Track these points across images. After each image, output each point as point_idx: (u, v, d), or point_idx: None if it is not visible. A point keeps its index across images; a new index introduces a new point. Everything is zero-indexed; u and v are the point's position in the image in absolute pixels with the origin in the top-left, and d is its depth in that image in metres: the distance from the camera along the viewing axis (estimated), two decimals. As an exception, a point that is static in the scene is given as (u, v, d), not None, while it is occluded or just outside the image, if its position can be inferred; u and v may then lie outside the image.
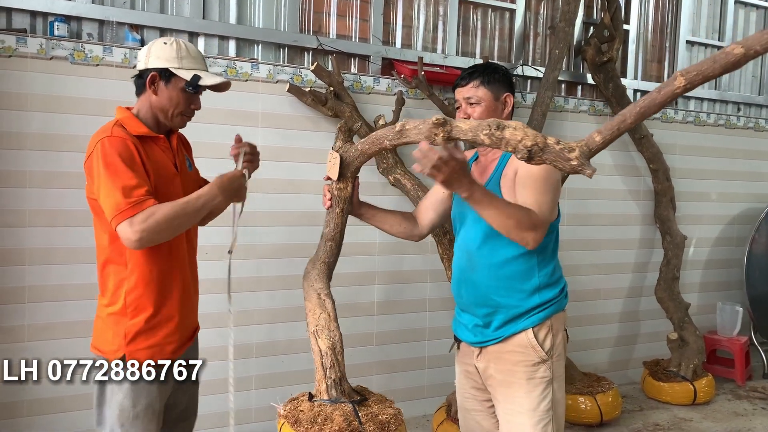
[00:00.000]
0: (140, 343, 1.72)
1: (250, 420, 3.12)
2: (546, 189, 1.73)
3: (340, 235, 1.99)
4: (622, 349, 4.31)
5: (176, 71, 1.77)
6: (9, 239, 2.64)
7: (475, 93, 1.87)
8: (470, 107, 1.88)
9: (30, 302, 2.67)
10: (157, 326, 1.75)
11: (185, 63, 1.78)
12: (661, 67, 4.56)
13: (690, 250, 4.49)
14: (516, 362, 1.80)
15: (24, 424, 2.69)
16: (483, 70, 1.90)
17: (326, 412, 1.79)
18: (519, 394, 1.79)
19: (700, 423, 3.63)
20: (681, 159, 4.41)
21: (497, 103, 1.89)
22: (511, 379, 1.80)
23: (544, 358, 1.79)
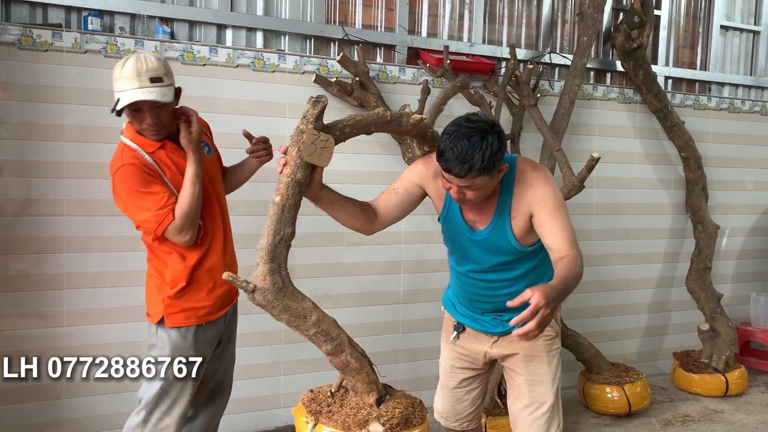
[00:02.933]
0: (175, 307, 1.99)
1: (279, 405, 3.19)
2: (565, 220, 1.81)
3: None
4: (651, 339, 4.26)
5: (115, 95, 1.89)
6: (48, 228, 2.74)
7: (473, 183, 1.71)
8: (466, 190, 1.74)
9: (68, 289, 2.77)
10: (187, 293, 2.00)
11: (118, 86, 1.87)
12: (694, 53, 4.46)
13: (723, 240, 4.40)
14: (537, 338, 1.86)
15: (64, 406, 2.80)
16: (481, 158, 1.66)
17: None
18: (541, 365, 1.99)
19: (732, 415, 3.57)
20: (714, 147, 4.32)
21: (493, 179, 1.75)
22: (533, 353, 1.98)
23: (558, 331, 2.04)
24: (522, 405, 2.01)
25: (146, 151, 1.93)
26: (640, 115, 4.08)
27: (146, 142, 1.94)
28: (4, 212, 2.69)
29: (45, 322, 2.76)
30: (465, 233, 1.93)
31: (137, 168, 1.89)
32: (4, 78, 2.64)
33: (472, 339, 2.07)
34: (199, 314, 2.01)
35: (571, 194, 3.22)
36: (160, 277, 2.02)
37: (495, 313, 2.00)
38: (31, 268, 2.73)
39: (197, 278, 2.00)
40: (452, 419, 2.16)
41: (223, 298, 2.08)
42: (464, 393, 2.14)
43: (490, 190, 1.79)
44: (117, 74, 1.87)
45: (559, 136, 3.53)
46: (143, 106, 1.87)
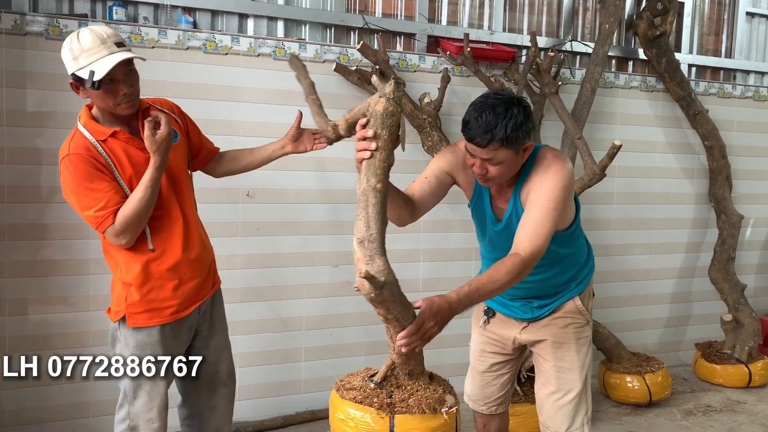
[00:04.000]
0: (137, 307, 1.89)
1: (299, 391, 3.23)
2: (547, 214, 1.69)
3: None
4: (673, 330, 4.22)
5: (79, 73, 1.73)
6: (74, 215, 2.79)
7: (495, 155, 1.67)
8: (488, 165, 1.71)
9: (94, 274, 2.83)
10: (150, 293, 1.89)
11: (82, 60, 1.73)
12: (719, 41, 4.39)
13: (747, 230, 4.34)
14: (566, 325, 2.00)
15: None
16: (504, 127, 1.63)
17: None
18: (570, 353, 1.99)
19: (755, 406, 3.53)
20: (738, 136, 4.25)
21: (517, 156, 1.71)
22: (562, 341, 1.99)
23: (589, 319, 2.04)
24: (549, 391, 2.01)
25: (97, 139, 1.80)
26: (662, 104, 4.04)
27: (98, 129, 1.82)
28: (34, 199, 2.75)
29: (72, 307, 2.82)
30: (489, 224, 1.92)
31: (83, 160, 1.76)
32: (32, 68, 2.70)
33: (502, 324, 2.08)
34: (164, 314, 1.91)
35: (593, 182, 3.21)
36: (118, 273, 1.92)
37: (524, 299, 2.01)
38: (58, 254, 2.79)
39: (157, 277, 1.89)
40: (481, 402, 2.17)
41: (192, 295, 1.97)
42: (493, 377, 2.15)
43: (513, 169, 1.75)
44: (75, 49, 1.73)
45: (581, 124, 3.50)
46: (118, 74, 1.74)
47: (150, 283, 1.89)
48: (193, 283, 1.97)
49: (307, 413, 3.20)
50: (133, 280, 1.87)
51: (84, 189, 1.77)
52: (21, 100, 2.70)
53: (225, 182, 2.92)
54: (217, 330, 2.12)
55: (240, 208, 3.06)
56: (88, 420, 2.87)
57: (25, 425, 2.78)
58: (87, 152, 1.78)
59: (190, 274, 1.96)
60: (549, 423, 2.03)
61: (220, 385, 2.13)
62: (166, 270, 1.90)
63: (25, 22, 2.68)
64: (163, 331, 1.91)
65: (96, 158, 1.78)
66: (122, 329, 1.92)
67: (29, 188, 2.74)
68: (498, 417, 2.21)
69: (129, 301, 1.88)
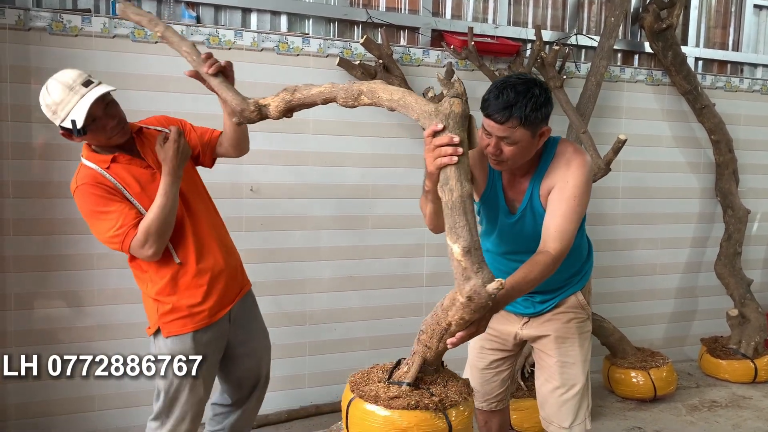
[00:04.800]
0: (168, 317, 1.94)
1: (304, 385, 3.24)
2: (573, 211, 1.71)
3: None
4: (678, 325, 4.21)
5: (64, 125, 1.79)
6: (77, 210, 2.81)
7: (512, 134, 1.65)
8: (504, 144, 1.69)
9: (98, 269, 2.84)
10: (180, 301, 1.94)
11: (61, 113, 1.78)
12: (726, 34, 4.35)
13: (754, 225, 4.31)
14: (569, 320, 2.00)
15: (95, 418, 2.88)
16: (524, 106, 1.63)
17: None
18: (574, 347, 2.00)
19: (761, 401, 3.52)
20: (745, 130, 4.22)
21: (533, 140, 1.70)
22: (566, 336, 2.00)
23: (589, 314, 2.05)
24: (552, 386, 2.01)
25: (101, 167, 1.86)
26: (668, 98, 4.01)
27: (99, 158, 1.88)
28: (38, 194, 2.76)
29: (76, 302, 2.84)
30: (502, 216, 1.90)
31: (92, 187, 1.83)
32: (36, 63, 2.70)
33: (503, 320, 2.06)
34: (196, 320, 1.95)
35: (597, 177, 3.19)
36: (147, 291, 1.97)
37: (528, 294, 1.95)
38: (63, 249, 2.80)
39: (184, 288, 1.93)
40: (481, 399, 2.17)
41: (221, 299, 2.01)
42: (493, 374, 2.14)
43: (527, 154, 1.72)
44: (51, 104, 1.79)
45: (586, 118, 3.48)
46: (97, 112, 1.78)
47: (178, 293, 1.93)
48: (220, 288, 2.00)
49: (311, 407, 3.21)
50: (162, 292, 1.92)
51: (99, 214, 1.83)
52: (25, 96, 2.70)
53: (228, 177, 2.93)
54: (254, 332, 2.18)
55: (243, 203, 3.06)
56: (93, 414, 2.88)
57: (30, 418, 2.80)
58: (94, 180, 1.84)
59: (215, 279, 1.98)
60: (553, 418, 2.02)
61: (259, 388, 2.22)
62: (191, 278, 1.94)
63: (28, 18, 2.69)
64: (195, 336, 1.95)
65: (104, 183, 1.84)
66: (157, 341, 1.97)
67: (34, 183, 2.75)
68: (499, 413, 2.21)
69: (161, 312, 1.93)
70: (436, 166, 1.41)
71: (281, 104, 1.67)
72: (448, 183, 1.40)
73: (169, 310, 1.93)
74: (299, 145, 3.12)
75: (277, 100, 1.68)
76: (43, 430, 2.81)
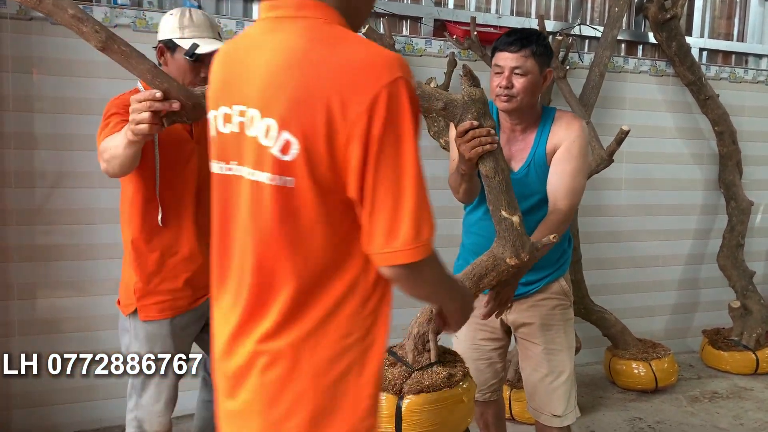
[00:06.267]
0: (147, 299, 1.87)
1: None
2: (581, 175, 1.87)
3: None
4: (680, 317, 4.21)
5: (178, 41, 1.82)
6: (81, 200, 2.82)
7: (524, 63, 1.81)
8: (515, 77, 1.82)
9: (102, 259, 2.85)
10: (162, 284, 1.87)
11: (187, 32, 1.83)
12: (731, 24, 4.32)
13: (757, 216, 4.30)
14: (553, 307, 2.02)
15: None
16: (535, 38, 1.83)
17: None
18: (559, 334, 2.01)
19: (762, 392, 3.52)
20: (750, 121, 4.20)
21: (540, 77, 1.86)
22: (550, 323, 2.01)
23: (572, 300, 2.09)
24: (541, 375, 2.01)
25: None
26: (672, 88, 3.99)
27: None
28: (41, 184, 2.77)
29: (80, 292, 2.85)
30: None
31: (120, 102, 1.78)
32: (38, 53, 2.70)
33: None
34: (176, 305, 1.90)
35: (600, 168, 3.18)
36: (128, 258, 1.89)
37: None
38: (67, 239, 2.81)
39: (171, 268, 1.88)
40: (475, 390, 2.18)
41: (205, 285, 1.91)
42: (486, 365, 2.14)
43: (535, 92, 1.85)
44: (185, 22, 1.83)
45: (589, 109, 3.47)
46: (209, 59, 1.75)
47: (162, 274, 1.88)
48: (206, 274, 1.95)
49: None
50: (145, 270, 1.86)
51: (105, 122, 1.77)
52: (27, 86, 2.71)
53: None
54: None
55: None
56: (97, 403, 2.90)
57: (34, 407, 2.82)
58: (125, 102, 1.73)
59: (203, 264, 1.92)
60: (544, 407, 2.02)
61: None
62: (182, 260, 1.89)
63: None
64: (172, 321, 1.91)
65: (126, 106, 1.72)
66: (132, 321, 1.90)
67: (37, 173, 2.76)
68: (494, 404, 2.22)
69: (139, 294, 1.87)
70: (476, 153, 1.54)
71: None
72: (496, 165, 1.56)
73: (150, 293, 1.86)
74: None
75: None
76: (46, 419, 2.83)
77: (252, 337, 1.01)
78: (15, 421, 2.79)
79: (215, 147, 1.06)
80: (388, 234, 0.92)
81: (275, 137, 0.93)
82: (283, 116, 0.92)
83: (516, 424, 3.01)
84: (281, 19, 0.98)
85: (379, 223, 0.92)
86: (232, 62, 1.03)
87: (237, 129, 0.99)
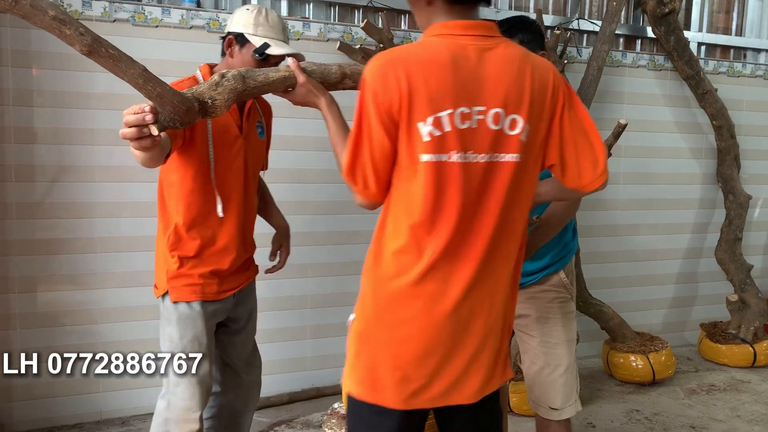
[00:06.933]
0: (178, 281, 1.89)
1: (305, 368, 3.27)
2: None
3: None
4: (678, 310, 4.22)
5: (249, 37, 1.85)
6: (81, 193, 2.83)
7: None
8: None
9: (102, 252, 2.87)
10: (194, 268, 1.89)
11: (260, 30, 1.86)
12: (729, 18, 4.32)
13: (755, 211, 4.31)
14: (552, 299, 2.00)
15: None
16: (522, 27, 1.85)
17: None
18: (557, 327, 1.98)
19: (759, 385, 3.54)
20: (748, 115, 4.21)
21: None
22: (548, 315, 1.98)
23: (573, 294, 2.05)
24: (538, 367, 2.01)
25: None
26: (670, 83, 4.00)
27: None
28: (41, 178, 2.78)
29: (80, 286, 2.86)
30: None
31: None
32: (37, 47, 2.71)
33: None
34: (205, 290, 1.92)
35: (598, 162, 3.19)
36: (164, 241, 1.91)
37: None
38: (66, 233, 2.82)
39: (207, 256, 1.90)
40: None
41: (235, 279, 2.01)
42: None
43: None
44: (260, 19, 1.86)
45: (587, 103, 3.47)
46: (275, 61, 1.87)
47: (196, 261, 1.89)
48: (237, 267, 1.99)
49: (312, 390, 3.25)
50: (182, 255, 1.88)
51: None
52: (27, 80, 2.72)
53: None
54: (253, 318, 2.18)
55: (245, 188, 3.07)
56: (98, 395, 2.92)
57: (35, 399, 2.84)
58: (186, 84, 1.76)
59: (235, 259, 1.97)
60: (542, 400, 2.01)
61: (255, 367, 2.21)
62: (216, 252, 1.91)
63: (29, 2, 2.69)
64: (203, 305, 1.91)
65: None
66: (164, 304, 1.92)
67: (37, 167, 2.77)
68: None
69: (171, 275, 1.89)
70: None
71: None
72: None
73: (183, 275, 1.88)
74: (299, 130, 3.12)
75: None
76: (48, 412, 2.85)
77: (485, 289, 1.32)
78: (16, 413, 2.81)
79: (452, 141, 1.24)
80: (594, 165, 1.34)
81: (521, 128, 1.27)
82: (524, 110, 1.27)
83: (514, 417, 3.03)
84: (486, 38, 1.28)
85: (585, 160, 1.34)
86: (458, 70, 1.24)
87: (476, 125, 1.24)
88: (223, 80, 1.41)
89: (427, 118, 1.22)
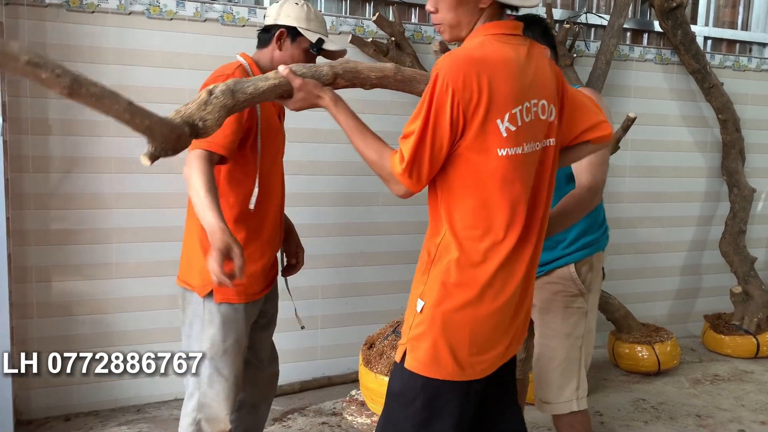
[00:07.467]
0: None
1: (316, 357, 3.32)
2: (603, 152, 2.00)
3: None
4: (682, 302, 4.27)
5: (303, 31, 1.88)
6: (91, 185, 2.87)
7: None
8: None
9: (117, 243, 2.90)
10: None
11: (313, 26, 1.90)
12: (735, 12, 4.34)
13: (759, 204, 4.35)
14: (556, 292, 1.97)
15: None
16: (530, 25, 1.80)
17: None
18: (555, 320, 1.96)
19: (762, 375, 3.60)
20: (753, 109, 4.24)
21: None
22: (549, 307, 1.97)
23: (583, 290, 1.98)
24: (536, 358, 2.01)
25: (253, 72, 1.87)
26: (677, 77, 4.03)
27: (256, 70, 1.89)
28: (58, 169, 2.81)
29: (95, 276, 2.90)
30: None
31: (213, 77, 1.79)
32: (54, 39, 2.74)
33: None
34: (250, 291, 1.87)
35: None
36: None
37: None
38: (82, 223, 2.86)
39: (253, 249, 1.83)
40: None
41: (272, 275, 2.00)
42: None
43: None
44: (311, 15, 1.90)
45: (595, 96, 3.50)
46: (325, 55, 1.91)
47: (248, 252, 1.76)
48: (272, 263, 1.99)
49: (323, 378, 3.29)
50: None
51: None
52: (43, 72, 2.74)
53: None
54: (277, 311, 2.17)
55: (257, 179, 3.10)
56: (112, 383, 2.96)
57: (51, 387, 2.88)
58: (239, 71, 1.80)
59: (272, 253, 1.96)
60: (537, 392, 1.99)
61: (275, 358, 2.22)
62: (261, 245, 1.87)
63: (46, -6, 2.71)
64: (246, 308, 1.87)
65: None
66: (208, 305, 1.82)
67: (54, 158, 2.80)
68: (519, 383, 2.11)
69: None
70: None
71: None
72: None
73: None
74: (310, 123, 3.15)
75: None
76: (64, 400, 2.90)
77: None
78: (33, 401, 2.85)
79: (523, 134, 1.36)
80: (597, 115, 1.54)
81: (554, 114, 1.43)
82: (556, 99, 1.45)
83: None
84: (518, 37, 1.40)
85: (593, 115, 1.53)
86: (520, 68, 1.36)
87: (534, 117, 1.38)
88: (211, 98, 1.32)
89: (504, 115, 1.33)
